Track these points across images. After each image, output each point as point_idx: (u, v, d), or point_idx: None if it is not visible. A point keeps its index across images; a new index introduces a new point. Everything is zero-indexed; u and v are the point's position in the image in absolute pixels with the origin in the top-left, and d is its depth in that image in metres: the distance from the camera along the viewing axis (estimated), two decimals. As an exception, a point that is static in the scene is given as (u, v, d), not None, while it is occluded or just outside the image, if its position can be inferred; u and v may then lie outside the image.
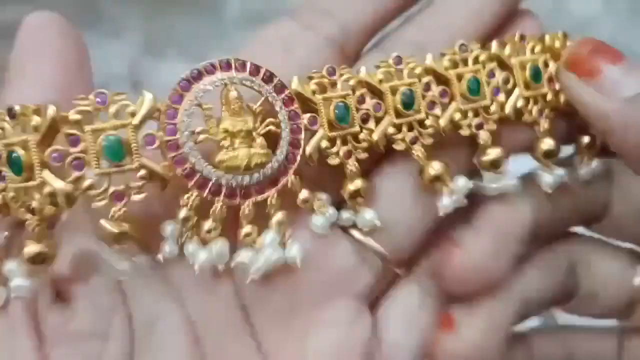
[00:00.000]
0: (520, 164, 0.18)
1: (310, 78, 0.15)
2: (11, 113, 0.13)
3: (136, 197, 0.13)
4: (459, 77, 0.16)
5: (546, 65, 0.17)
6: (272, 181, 0.14)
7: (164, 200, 0.14)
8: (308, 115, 0.14)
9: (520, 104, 0.17)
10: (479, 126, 0.16)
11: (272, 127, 0.14)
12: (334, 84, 0.15)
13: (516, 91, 0.17)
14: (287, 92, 0.14)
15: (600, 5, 0.58)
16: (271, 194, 0.14)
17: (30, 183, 0.12)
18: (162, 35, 0.60)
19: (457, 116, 0.16)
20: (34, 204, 0.12)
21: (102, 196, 0.13)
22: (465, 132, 0.16)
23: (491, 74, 0.17)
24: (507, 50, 0.17)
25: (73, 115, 0.12)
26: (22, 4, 0.53)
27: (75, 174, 0.12)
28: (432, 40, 0.17)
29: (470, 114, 0.16)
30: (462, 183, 0.16)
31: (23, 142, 0.12)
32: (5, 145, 0.12)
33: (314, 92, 0.15)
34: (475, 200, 0.17)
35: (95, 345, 0.14)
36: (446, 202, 0.16)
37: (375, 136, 0.15)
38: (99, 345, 0.14)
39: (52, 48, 0.14)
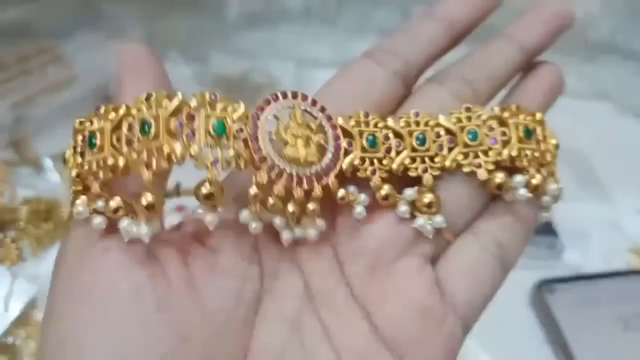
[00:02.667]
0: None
1: (351, 117, 0.20)
2: (148, 97, 0.18)
3: (226, 168, 0.18)
4: (462, 129, 0.21)
5: (534, 130, 0.22)
6: (318, 179, 0.19)
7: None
8: (347, 140, 0.20)
9: (514, 153, 0.21)
10: (478, 165, 0.21)
11: (322, 141, 0.19)
12: (367, 124, 0.20)
13: (513, 143, 0.21)
14: (333, 121, 0.20)
15: (598, 5, 0.58)
16: (316, 187, 0.19)
17: (156, 142, 0.17)
18: (163, 36, 0.60)
19: (460, 157, 0.21)
20: (153, 161, 0.17)
21: (204, 161, 0.17)
22: (466, 169, 0.21)
23: (490, 129, 0.21)
24: (506, 113, 0.21)
25: (193, 103, 0.18)
26: (24, 5, 0.53)
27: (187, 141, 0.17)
28: (475, 75, 0.23)
29: (471, 155, 0.21)
30: (439, 219, 0.20)
31: (156, 116, 0.18)
32: (140, 118, 0.18)
33: (352, 126, 0.20)
34: None
35: (236, 282, 0.19)
36: (421, 222, 0.20)
37: (395, 164, 0.20)
38: (239, 283, 0.19)
39: (149, 72, 0.20)
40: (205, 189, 0.17)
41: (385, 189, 0.20)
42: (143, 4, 0.58)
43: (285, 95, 0.19)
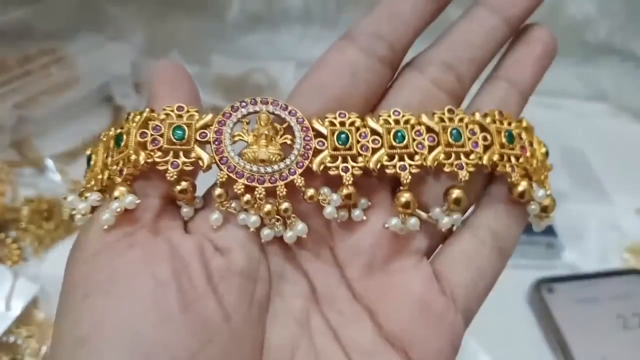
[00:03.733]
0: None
1: (326, 118, 0.20)
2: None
3: (186, 168, 0.19)
4: (445, 129, 0.20)
5: (520, 135, 0.21)
6: (283, 177, 0.19)
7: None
8: (319, 139, 0.20)
9: (495, 157, 0.20)
10: (460, 166, 0.20)
11: (287, 141, 0.20)
12: (343, 123, 0.20)
13: (494, 147, 0.20)
14: (305, 123, 0.20)
15: (596, 6, 0.58)
16: (280, 185, 0.19)
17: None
18: (164, 37, 0.60)
19: (442, 157, 0.20)
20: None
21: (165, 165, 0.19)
22: (447, 169, 0.20)
23: (472, 132, 0.20)
24: (488, 119, 0.21)
25: (161, 116, 0.19)
26: (27, 6, 0.53)
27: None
28: (457, 58, 0.21)
29: (453, 156, 0.20)
30: (413, 222, 0.20)
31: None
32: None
33: (327, 126, 0.20)
34: None
35: (249, 283, 0.19)
36: (394, 223, 0.20)
37: (372, 162, 0.19)
38: (251, 283, 0.19)
39: (183, 84, 0.21)
40: (180, 186, 0.19)
41: (350, 189, 0.19)
42: (144, 6, 0.59)
43: (254, 102, 0.20)
